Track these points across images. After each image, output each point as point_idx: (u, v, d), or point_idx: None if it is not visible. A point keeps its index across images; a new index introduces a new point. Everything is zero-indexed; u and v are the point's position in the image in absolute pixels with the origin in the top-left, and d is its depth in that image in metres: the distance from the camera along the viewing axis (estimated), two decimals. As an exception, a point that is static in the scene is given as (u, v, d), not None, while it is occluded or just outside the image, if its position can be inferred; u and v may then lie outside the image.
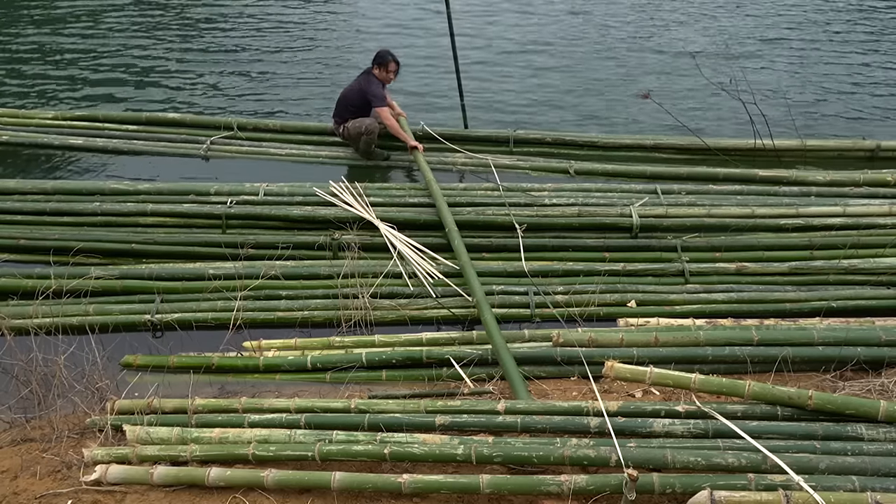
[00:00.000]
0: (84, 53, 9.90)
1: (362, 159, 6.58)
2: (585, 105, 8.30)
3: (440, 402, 3.48)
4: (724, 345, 3.90)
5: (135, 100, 8.41)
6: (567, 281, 4.81)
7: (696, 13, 11.78)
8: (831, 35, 10.61)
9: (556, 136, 6.78)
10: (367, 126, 6.35)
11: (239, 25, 11.16)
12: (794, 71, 9.23)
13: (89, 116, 7.33)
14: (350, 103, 6.46)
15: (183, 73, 9.25)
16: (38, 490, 3.13)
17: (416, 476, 3.00)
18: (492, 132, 6.88)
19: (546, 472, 3.09)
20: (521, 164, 6.42)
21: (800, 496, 2.75)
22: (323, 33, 10.91)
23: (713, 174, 6.18)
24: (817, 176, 6.09)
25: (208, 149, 6.70)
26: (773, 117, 6.82)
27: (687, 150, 6.66)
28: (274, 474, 3.05)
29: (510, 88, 8.74)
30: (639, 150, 6.70)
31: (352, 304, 4.51)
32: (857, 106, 8.21)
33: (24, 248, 5.17)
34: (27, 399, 3.72)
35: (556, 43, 10.48)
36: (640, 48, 10.23)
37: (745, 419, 3.22)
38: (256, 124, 7.09)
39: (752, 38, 10.48)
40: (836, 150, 6.65)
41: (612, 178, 6.25)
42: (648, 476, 2.91)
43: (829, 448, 3.07)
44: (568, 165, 6.38)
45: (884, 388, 3.55)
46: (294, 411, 3.47)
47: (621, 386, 3.90)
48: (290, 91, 8.66)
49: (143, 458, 3.22)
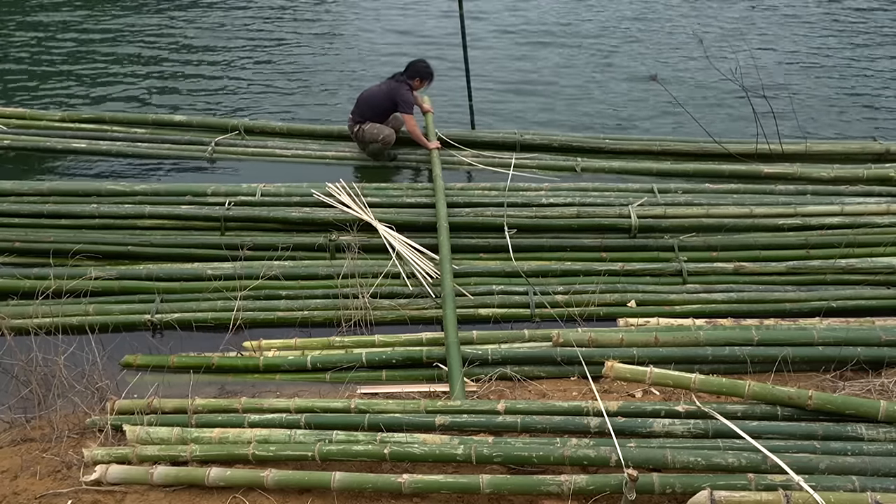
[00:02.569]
0: (92, 55, 9.92)
1: (369, 159, 6.59)
2: (594, 98, 8.39)
3: (440, 403, 3.48)
4: (724, 345, 3.90)
5: (143, 102, 8.41)
6: (566, 281, 4.82)
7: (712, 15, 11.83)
8: (842, 36, 10.63)
9: (564, 140, 6.74)
10: (384, 136, 6.34)
11: (250, 29, 11.18)
12: (803, 71, 9.25)
13: (96, 118, 7.31)
14: (373, 105, 6.40)
15: (191, 76, 9.27)
16: (38, 490, 3.13)
17: (416, 476, 3.00)
18: (499, 136, 6.78)
19: (546, 472, 3.09)
20: (528, 163, 6.43)
21: (800, 496, 2.75)
22: (332, 37, 10.94)
23: (718, 171, 6.25)
24: (822, 172, 6.12)
25: (213, 151, 6.68)
26: (780, 116, 6.82)
27: (693, 155, 6.63)
28: (274, 474, 3.05)
29: (518, 85, 8.82)
30: (646, 155, 6.66)
31: (351, 304, 4.51)
32: (868, 105, 8.19)
33: (21, 251, 5.15)
34: (27, 399, 3.72)
35: (559, 32, 10.63)
36: (649, 41, 10.31)
37: (745, 419, 3.23)
38: (263, 127, 7.06)
39: (763, 37, 10.53)
40: (844, 154, 6.61)
41: (612, 174, 6.31)
42: (648, 476, 2.91)
43: (829, 448, 3.07)
44: (575, 164, 6.40)
45: (884, 388, 3.55)
46: (294, 411, 3.47)
47: (621, 386, 3.90)
48: (297, 95, 8.66)
49: (143, 458, 3.22)
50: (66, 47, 10.17)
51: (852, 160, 6.50)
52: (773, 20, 11.31)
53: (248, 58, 9.84)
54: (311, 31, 11.05)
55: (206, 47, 10.29)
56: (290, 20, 11.62)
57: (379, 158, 6.54)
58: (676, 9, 11.92)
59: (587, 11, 11.76)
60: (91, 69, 9.37)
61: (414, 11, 12.03)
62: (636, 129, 7.49)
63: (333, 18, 11.90)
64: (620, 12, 11.78)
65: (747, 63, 6.93)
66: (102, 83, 8.93)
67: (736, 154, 6.49)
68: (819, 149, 6.60)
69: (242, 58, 9.84)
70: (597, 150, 6.68)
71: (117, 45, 10.33)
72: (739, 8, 11.94)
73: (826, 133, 7.42)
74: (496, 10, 11.85)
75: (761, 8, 11.90)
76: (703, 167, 6.33)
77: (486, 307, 4.61)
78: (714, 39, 10.04)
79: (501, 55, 9.83)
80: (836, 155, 6.57)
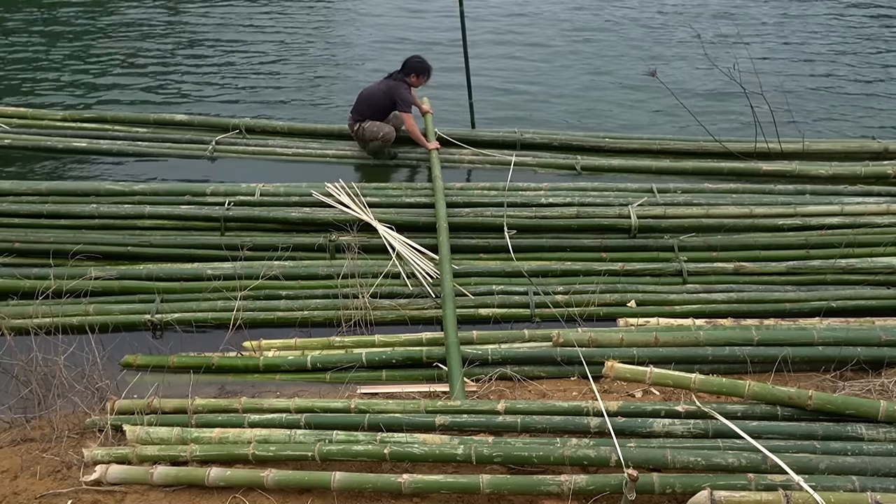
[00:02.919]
0: (95, 55, 9.95)
1: (369, 157, 6.60)
2: (591, 97, 8.44)
3: (440, 403, 3.48)
4: (724, 345, 3.90)
5: (145, 102, 8.42)
6: (566, 281, 4.82)
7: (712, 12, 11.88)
8: (842, 36, 10.66)
9: (564, 138, 6.75)
10: (384, 134, 6.37)
11: (251, 29, 11.22)
12: (801, 70, 9.27)
13: (98, 117, 7.29)
14: (373, 103, 6.43)
15: (194, 75, 9.31)
16: (38, 490, 3.13)
17: (416, 476, 3.00)
18: (499, 135, 6.78)
19: (546, 472, 3.09)
20: (529, 161, 6.47)
21: (800, 496, 2.75)
22: (334, 36, 11.01)
23: (717, 168, 6.31)
24: (820, 170, 6.16)
25: (214, 149, 6.68)
26: (779, 115, 6.84)
27: (692, 153, 6.64)
28: (274, 474, 3.05)
29: (518, 83, 8.87)
30: (645, 153, 6.68)
31: (351, 304, 4.51)
32: (866, 106, 8.20)
33: (20, 252, 5.14)
34: (27, 399, 3.72)
35: (559, 35, 10.67)
36: (649, 39, 10.39)
37: (745, 419, 3.23)
38: (264, 126, 7.04)
39: (761, 34, 10.56)
40: (843, 152, 6.62)
41: (612, 172, 6.34)
42: (648, 476, 2.91)
43: (829, 448, 3.07)
44: (575, 162, 6.44)
45: (884, 388, 3.56)
46: (294, 411, 3.48)
47: (621, 386, 3.90)
48: (300, 94, 8.70)
49: (143, 458, 3.22)
50: (69, 46, 10.20)
51: (851, 158, 6.51)
52: (773, 19, 11.35)
53: (251, 57, 9.87)
54: (313, 30, 11.09)
55: (210, 46, 10.34)
56: (293, 18, 11.68)
57: (379, 157, 6.55)
58: (677, 7, 11.97)
59: (585, 12, 11.81)
60: (93, 68, 9.39)
61: (417, 11, 12.06)
62: (636, 130, 7.49)
63: (335, 17, 11.97)
64: (620, 10, 11.83)
65: (745, 62, 6.95)
66: (104, 83, 8.93)
67: (735, 152, 6.50)
68: (818, 147, 6.62)
69: (245, 57, 9.87)
70: (597, 149, 6.69)
71: (120, 43, 10.40)
72: (738, 4, 12.00)
73: (826, 133, 7.41)
74: (498, 9, 11.90)
75: (761, 6, 11.96)
76: (702, 165, 6.36)
77: (486, 307, 4.61)
78: (713, 37, 10.06)
79: (502, 55, 9.85)
80: (835, 153, 6.59)
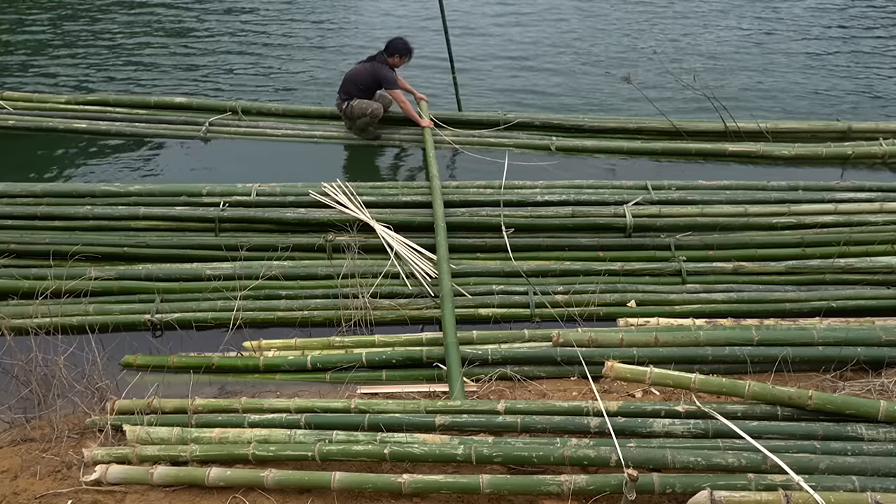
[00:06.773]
0: (99, 40, 10.22)
1: (355, 137, 6.91)
2: (573, 88, 8.79)
3: (440, 403, 3.48)
4: (724, 345, 3.90)
5: (147, 84, 8.74)
6: (566, 281, 4.82)
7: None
8: (807, 24, 11.08)
9: (545, 119, 7.18)
10: (373, 110, 6.67)
11: (250, 13, 11.42)
12: (764, 57, 9.68)
13: (100, 100, 7.72)
14: (359, 83, 6.74)
15: (193, 57, 9.61)
16: (38, 490, 3.13)
17: (416, 476, 3.00)
18: (483, 115, 7.24)
19: (546, 472, 3.09)
20: (506, 142, 6.86)
21: (800, 496, 2.75)
22: (328, 20, 11.25)
23: (685, 149, 6.76)
24: (783, 150, 6.64)
25: (207, 130, 7.08)
26: (745, 102, 7.38)
27: (666, 133, 7.03)
28: (274, 474, 3.05)
29: (502, 74, 9.14)
30: (622, 133, 7.08)
31: (351, 304, 4.51)
32: (828, 89, 8.57)
33: (16, 253, 5.11)
34: (27, 399, 3.72)
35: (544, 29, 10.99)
36: (625, 40, 10.63)
37: (745, 419, 3.23)
38: (259, 108, 7.49)
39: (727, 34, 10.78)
40: (809, 131, 6.98)
41: (586, 153, 6.78)
42: (648, 476, 2.91)
43: (829, 448, 3.07)
44: (550, 142, 6.83)
45: (884, 388, 3.56)
46: (294, 411, 3.48)
47: (621, 386, 3.90)
48: (295, 76, 9.00)
49: (143, 458, 3.22)
50: (73, 31, 10.53)
51: (817, 139, 6.90)
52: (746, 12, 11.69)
53: (250, 41, 10.23)
54: (309, 16, 11.36)
55: (210, 31, 10.68)
56: (291, 5, 11.89)
57: (365, 135, 6.85)
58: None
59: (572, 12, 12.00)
60: (97, 52, 9.74)
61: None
62: (614, 112, 7.87)
63: (333, 3, 12.20)
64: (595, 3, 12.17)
65: (714, 45, 7.37)
66: (108, 66, 9.28)
67: (706, 132, 6.94)
68: (785, 126, 7.01)
69: (243, 41, 10.24)
70: (576, 129, 7.12)
71: (126, 27, 10.74)
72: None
73: (796, 114, 7.80)
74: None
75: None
76: (671, 146, 6.76)
77: (485, 307, 4.61)
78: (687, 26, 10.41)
79: (490, 44, 10.19)
80: (801, 133, 7.02)
